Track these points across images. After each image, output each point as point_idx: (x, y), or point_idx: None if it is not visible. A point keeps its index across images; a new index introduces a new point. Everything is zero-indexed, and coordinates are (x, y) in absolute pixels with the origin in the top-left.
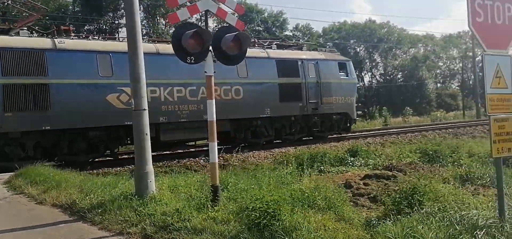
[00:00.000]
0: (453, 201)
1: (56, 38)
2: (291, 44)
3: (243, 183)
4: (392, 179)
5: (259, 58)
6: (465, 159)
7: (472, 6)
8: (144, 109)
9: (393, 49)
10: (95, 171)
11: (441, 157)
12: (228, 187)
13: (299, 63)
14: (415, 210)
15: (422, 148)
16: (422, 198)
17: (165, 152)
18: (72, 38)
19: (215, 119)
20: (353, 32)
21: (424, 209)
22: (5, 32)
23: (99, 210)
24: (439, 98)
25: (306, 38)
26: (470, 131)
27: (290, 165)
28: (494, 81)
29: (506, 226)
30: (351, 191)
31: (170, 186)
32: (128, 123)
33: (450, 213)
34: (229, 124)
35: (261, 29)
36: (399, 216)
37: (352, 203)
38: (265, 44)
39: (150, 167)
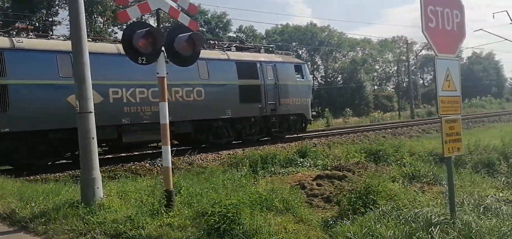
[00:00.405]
0: (405, 199)
1: (14, 37)
2: (250, 46)
3: (197, 187)
4: (343, 179)
5: (219, 60)
6: (407, 158)
7: (425, 12)
8: (90, 112)
9: (333, 52)
10: (32, 177)
11: (385, 156)
12: (181, 191)
13: (258, 65)
14: (370, 209)
15: (367, 148)
16: (376, 197)
17: (108, 156)
18: (31, 38)
19: (168, 122)
20: (295, 35)
21: (380, 208)
22: None
23: (43, 220)
24: (376, 100)
25: (250, 40)
26: (407, 131)
27: (244, 167)
28: (444, 84)
29: (457, 222)
30: (305, 192)
31: (118, 192)
32: None
33: (404, 211)
34: (191, 125)
35: (205, 30)
36: (355, 215)
37: (307, 204)
38: (224, 46)
39: (97, 172)
